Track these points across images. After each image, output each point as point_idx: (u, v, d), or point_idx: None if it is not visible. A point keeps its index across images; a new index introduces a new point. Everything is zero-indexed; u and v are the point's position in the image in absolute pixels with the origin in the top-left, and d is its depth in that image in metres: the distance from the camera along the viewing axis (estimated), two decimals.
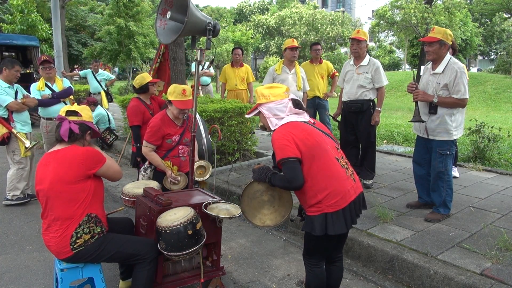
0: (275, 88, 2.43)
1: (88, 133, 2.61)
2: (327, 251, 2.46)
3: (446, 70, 3.62)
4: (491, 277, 2.79)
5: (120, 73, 37.33)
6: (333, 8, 50.88)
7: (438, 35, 3.60)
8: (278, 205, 2.46)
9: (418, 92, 3.71)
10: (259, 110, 2.43)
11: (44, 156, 2.51)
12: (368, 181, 4.89)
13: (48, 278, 3.18)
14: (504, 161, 6.03)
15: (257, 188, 2.45)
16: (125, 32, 20.27)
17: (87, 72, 9.04)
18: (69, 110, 2.59)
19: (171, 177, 3.46)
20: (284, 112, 2.36)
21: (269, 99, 2.38)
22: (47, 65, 5.17)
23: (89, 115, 2.66)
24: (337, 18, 34.03)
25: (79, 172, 2.38)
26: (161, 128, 3.48)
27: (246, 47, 32.12)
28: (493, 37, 39.97)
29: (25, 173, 4.83)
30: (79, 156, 2.41)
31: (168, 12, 3.09)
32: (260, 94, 2.43)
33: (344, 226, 2.25)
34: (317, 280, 2.46)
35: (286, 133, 2.26)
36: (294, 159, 2.20)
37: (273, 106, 2.36)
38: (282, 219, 2.47)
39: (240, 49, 7.40)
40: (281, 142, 2.24)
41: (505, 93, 18.65)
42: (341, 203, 2.24)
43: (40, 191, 2.41)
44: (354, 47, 4.71)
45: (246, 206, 2.44)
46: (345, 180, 2.28)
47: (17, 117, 4.70)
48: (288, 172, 2.20)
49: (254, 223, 2.46)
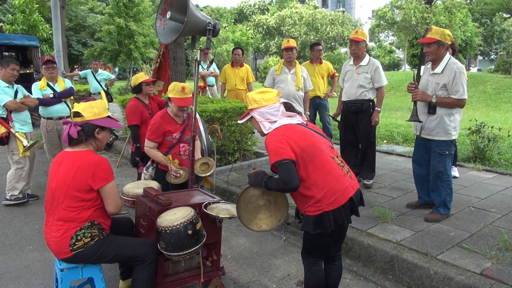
0: (266, 93, 2.44)
1: (98, 131, 2.48)
2: (325, 249, 2.47)
3: (445, 70, 3.62)
4: (491, 277, 2.79)
5: (120, 73, 37.32)
6: (333, 8, 50.88)
7: (436, 36, 3.60)
8: (274, 209, 2.46)
9: (417, 92, 3.72)
10: (251, 115, 2.44)
11: (60, 154, 2.53)
12: (368, 181, 4.89)
13: (48, 278, 3.18)
14: (504, 161, 6.03)
15: (252, 193, 2.44)
16: (125, 32, 20.28)
17: (87, 73, 9.04)
18: (73, 112, 2.51)
19: (173, 170, 3.48)
20: (276, 116, 2.36)
21: (261, 104, 2.39)
22: (50, 65, 5.18)
23: (95, 112, 2.48)
24: (337, 18, 34.04)
25: (85, 182, 2.36)
26: (162, 125, 3.50)
27: (246, 47, 32.14)
28: (493, 37, 39.99)
29: (24, 173, 4.83)
30: (85, 166, 2.37)
31: (168, 12, 3.09)
32: (251, 99, 2.43)
33: (344, 221, 2.28)
34: (316, 279, 2.47)
35: (280, 135, 2.27)
36: (288, 161, 2.20)
37: (265, 111, 2.37)
38: (278, 223, 2.47)
39: (240, 49, 7.40)
40: (275, 145, 2.25)
41: (505, 93, 18.65)
42: (341, 199, 2.25)
43: (50, 188, 2.44)
44: (353, 48, 4.72)
45: (242, 212, 2.42)
46: (342, 177, 2.30)
47: (16, 116, 4.70)
48: (283, 174, 2.21)
49: (251, 228, 2.45)
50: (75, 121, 2.46)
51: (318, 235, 2.28)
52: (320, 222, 2.25)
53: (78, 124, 2.44)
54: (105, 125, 2.51)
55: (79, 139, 2.43)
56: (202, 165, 3.56)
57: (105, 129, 2.53)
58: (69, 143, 2.46)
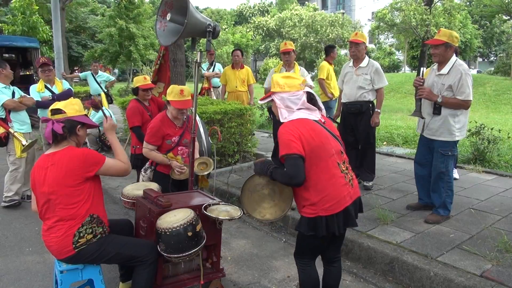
0: (291, 79, 2.37)
1: (79, 128, 2.49)
2: (318, 251, 2.47)
3: (451, 71, 3.62)
4: (491, 279, 2.79)
5: (120, 75, 37.37)
6: (333, 10, 50.89)
7: (444, 38, 3.60)
8: (279, 199, 2.44)
9: (424, 89, 3.69)
10: (272, 98, 2.38)
11: (41, 158, 2.46)
12: (368, 183, 4.89)
13: (47, 280, 3.18)
14: (504, 163, 6.03)
15: (258, 181, 2.43)
16: (125, 34, 20.32)
17: (87, 74, 9.04)
18: (52, 109, 2.48)
19: (177, 166, 3.47)
20: (296, 105, 2.30)
21: (284, 89, 2.32)
22: (46, 68, 5.18)
23: (76, 109, 2.49)
24: (337, 20, 34.11)
25: (78, 175, 2.36)
26: (161, 128, 3.49)
27: (246, 49, 32.18)
28: (492, 39, 40.06)
29: (19, 175, 4.79)
30: (76, 158, 2.37)
31: (168, 14, 3.09)
32: (275, 82, 2.36)
33: (336, 229, 2.26)
34: (311, 279, 2.46)
35: (294, 129, 2.23)
36: (297, 155, 2.18)
37: (286, 97, 2.31)
38: (282, 214, 2.44)
39: (240, 50, 7.41)
40: (287, 137, 2.21)
41: (504, 94, 18.65)
42: (335, 208, 2.24)
43: (40, 193, 2.39)
44: (353, 50, 4.73)
45: (246, 199, 2.42)
46: (342, 186, 2.28)
47: (15, 116, 4.69)
48: (290, 168, 2.19)
49: (254, 216, 2.44)
50: (56, 118, 2.43)
51: (311, 237, 2.29)
52: (313, 225, 2.25)
53: (60, 121, 2.42)
54: (85, 122, 2.52)
55: (64, 135, 2.41)
56: (200, 164, 3.56)
57: (84, 126, 2.54)
58: (53, 141, 2.42)
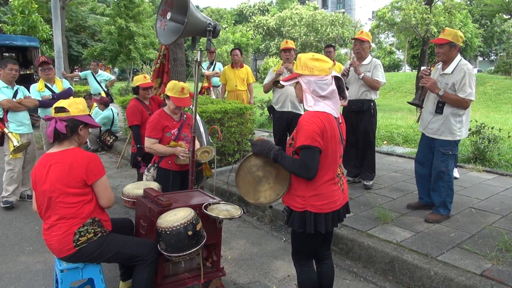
0: (321, 61, 2.18)
1: (81, 128, 2.47)
2: (314, 249, 2.46)
3: (455, 70, 3.62)
4: (491, 278, 2.79)
5: (120, 74, 37.36)
6: (333, 9, 50.89)
7: (448, 37, 3.60)
8: (274, 182, 2.31)
9: (430, 79, 3.69)
10: (297, 80, 2.23)
11: (43, 157, 2.45)
12: (368, 182, 4.88)
13: (48, 279, 3.18)
14: (504, 162, 6.03)
15: (254, 162, 2.32)
16: (125, 32, 20.30)
17: (87, 73, 9.04)
18: (56, 107, 2.45)
19: (181, 151, 3.51)
20: (324, 91, 2.16)
21: (313, 72, 2.15)
22: (46, 67, 5.17)
23: (80, 109, 2.48)
24: (337, 19, 34.11)
25: (79, 178, 2.36)
26: (160, 121, 3.56)
27: (246, 48, 32.15)
28: (493, 38, 40.01)
29: (14, 175, 4.76)
30: (79, 162, 2.36)
31: (168, 13, 3.09)
32: (303, 64, 2.18)
33: (323, 228, 2.25)
34: (309, 280, 2.46)
35: (320, 122, 2.13)
36: (318, 149, 2.12)
37: (314, 80, 2.15)
38: (277, 197, 2.32)
39: (239, 49, 7.40)
40: (312, 128, 2.11)
41: (505, 94, 18.66)
42: (325, 208, 2.24)
43: (41, 191, 2.39)
44: (357, 47, 4.72)
45: (240, 181, 2.32)
46: (335, 190, 2.28)
47: (12, 117, 4.66)
48: (309, 160, 2.11)
49: (247, 199, 2.35)
50: (59, 116, 2.41)
51: (302, 234, 2.29)
52: (303, 221, 2.24)
53: (63, 120, 2.40)
54: (88, 122, 2.51)
55: (67, 134, 2.40)
56: (202, 153, 3.58)
57: (86, 126, 2.53)
58: (55, 139, 2.41)
